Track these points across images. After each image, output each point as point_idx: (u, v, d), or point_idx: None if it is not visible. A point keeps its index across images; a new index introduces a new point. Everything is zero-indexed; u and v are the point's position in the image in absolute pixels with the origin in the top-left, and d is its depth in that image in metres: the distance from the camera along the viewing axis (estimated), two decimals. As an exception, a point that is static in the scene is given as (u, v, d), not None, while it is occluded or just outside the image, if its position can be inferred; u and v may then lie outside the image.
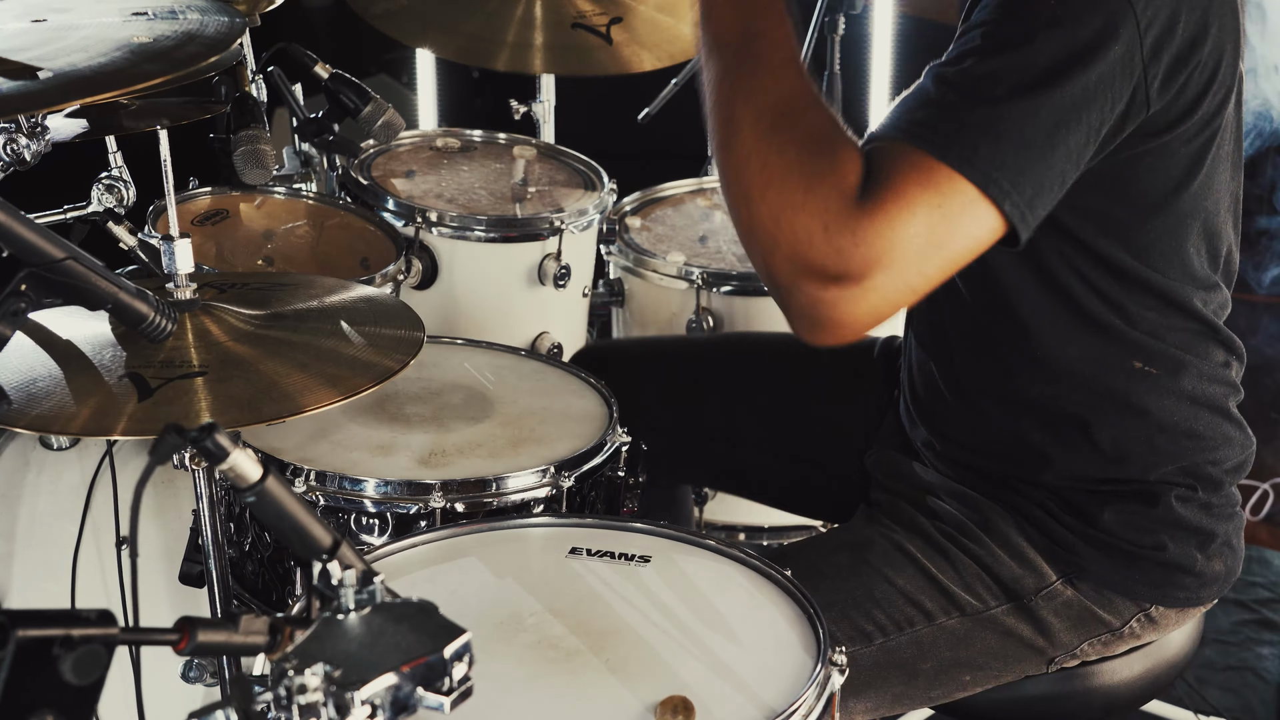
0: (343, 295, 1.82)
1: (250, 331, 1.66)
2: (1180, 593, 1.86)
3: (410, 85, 4.42)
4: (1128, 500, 1.82)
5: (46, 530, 2.19)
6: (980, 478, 1.89)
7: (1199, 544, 1.85)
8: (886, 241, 1.47)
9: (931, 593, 1.84)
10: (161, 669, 2.01)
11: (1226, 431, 1.85)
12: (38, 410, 1.52)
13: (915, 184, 1.49)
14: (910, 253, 1.48)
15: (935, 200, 1.49)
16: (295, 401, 1.55)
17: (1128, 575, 1.84)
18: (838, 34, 3.04)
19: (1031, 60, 1.52)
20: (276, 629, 1.14)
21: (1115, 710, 1.94)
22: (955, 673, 1.85)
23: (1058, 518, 1.84)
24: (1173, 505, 1.82)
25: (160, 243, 1.66)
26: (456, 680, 1.10)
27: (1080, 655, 1.88)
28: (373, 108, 2.48)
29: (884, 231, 1.48)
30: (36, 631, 1.02)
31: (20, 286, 1.50)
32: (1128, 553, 1.83)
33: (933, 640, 1.83)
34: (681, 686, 1.47)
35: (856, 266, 1.48)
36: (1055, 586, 1.84)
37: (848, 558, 1.87)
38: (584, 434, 1.97)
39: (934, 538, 1.87)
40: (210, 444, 1.17)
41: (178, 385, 1.55)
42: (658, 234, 2.85)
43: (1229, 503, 1.89)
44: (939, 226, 1.49)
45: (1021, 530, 1.85)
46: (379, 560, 1.68)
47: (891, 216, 1.48)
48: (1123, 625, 1.86)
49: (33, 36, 1.67)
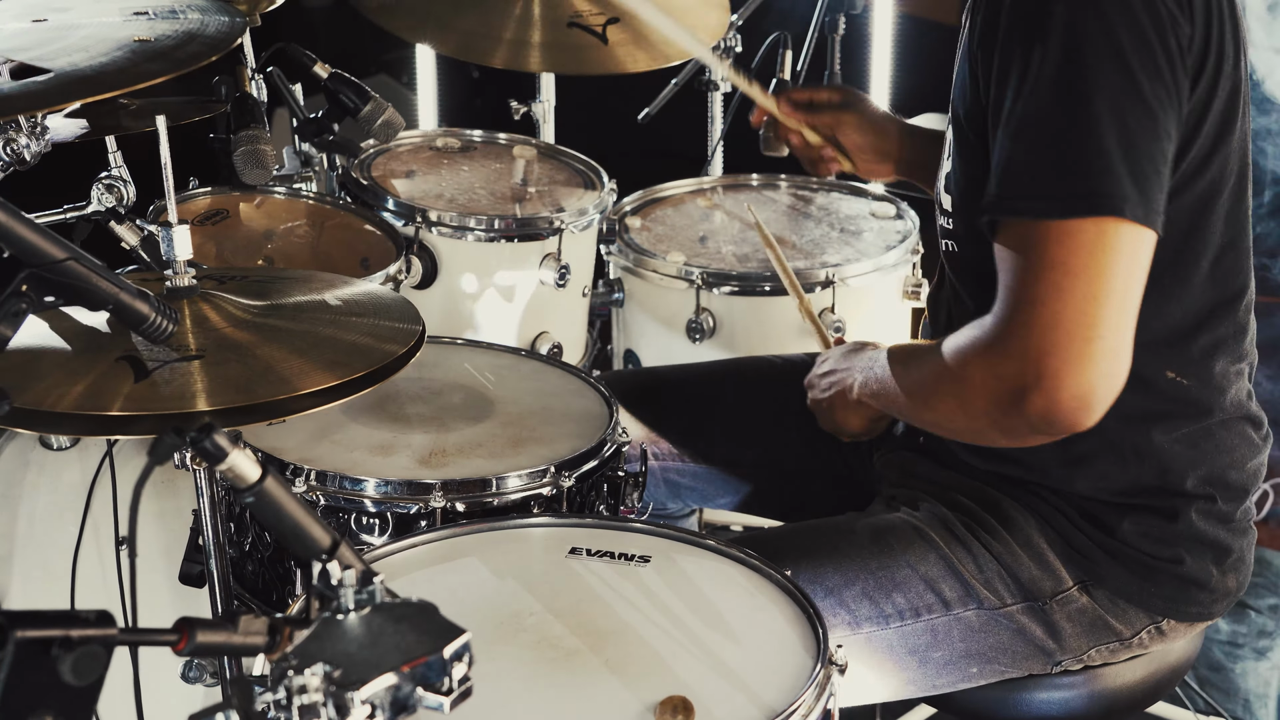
0: (342, 290, 1.82)
1: (248, 319, 1.66)
2: (1193, 608, 1.86)
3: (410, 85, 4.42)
4: (1148, 513, 1.81)
5: (46, 530, 2.19)
6: (1000, 479, 1.88)
7: (1215, 558, 1.84)
8: (1032, 346, 1.55)
9: (951, 582, 1.83)
10: (161, 669, 2.01)
11: (1247, 432, 1.85)
12: (32, 390, 1.50)
13: (1020, 273, 1.54)
14: (1070, 324, 1.53)
15: (1054, 270, 1.52)
16: (291, 385, 1.54)
17: (1143, 587, 1.83)
18: (838, 34, 3.04)
19: (1038, 79, 1.54)
20: (276, 629, 1.14)
21: (1120, 714, 1.94)
22: (964, 664, 1.85)
23: (1077, 525, 1.83)
24: (1193, 520, 1.81)
25: (158, 229, 1.66)
26: (456, 680, 1.10)
27: (1085, 660, 1.87)
28: (372, 107, 2.48)
29: (1024, 337, 1.55)
30: (36, 632, 1.02)
31: (21, 287, 1.49)
32: (1145, 564, 1.82)
33: (947, 630, 1.83)
34: (681, 686, 1.47)
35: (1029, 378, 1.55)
36: (1071, 592, 1.84)
37: (869, 538, 1.86)
38: (584, 434, 1.97)
39: (956, 528, 1.86)
40: (209, 444, 1.17)
41: (174, 368, 1.54)
42: (658, 234, 2.85)
43: (1246, 516, 1.88)
44: (1075, 285, 1.52)
45: (1042, 532, 1.84)
46: (379, 560, 1.68)
47: (1022, 320, 1.54)
48: (1133, 636, 1.86)
49: (33, 36, 1.67)
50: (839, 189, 3.03)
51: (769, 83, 2.90)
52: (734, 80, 2.43)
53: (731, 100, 3.17)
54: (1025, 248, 1.55)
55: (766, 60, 2.97)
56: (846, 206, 2.97)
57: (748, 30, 3.04)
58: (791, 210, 2.96)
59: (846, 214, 2.93)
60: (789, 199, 3.00)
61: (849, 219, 2.91)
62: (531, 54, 2.76)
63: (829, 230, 2.87)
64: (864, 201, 2.98)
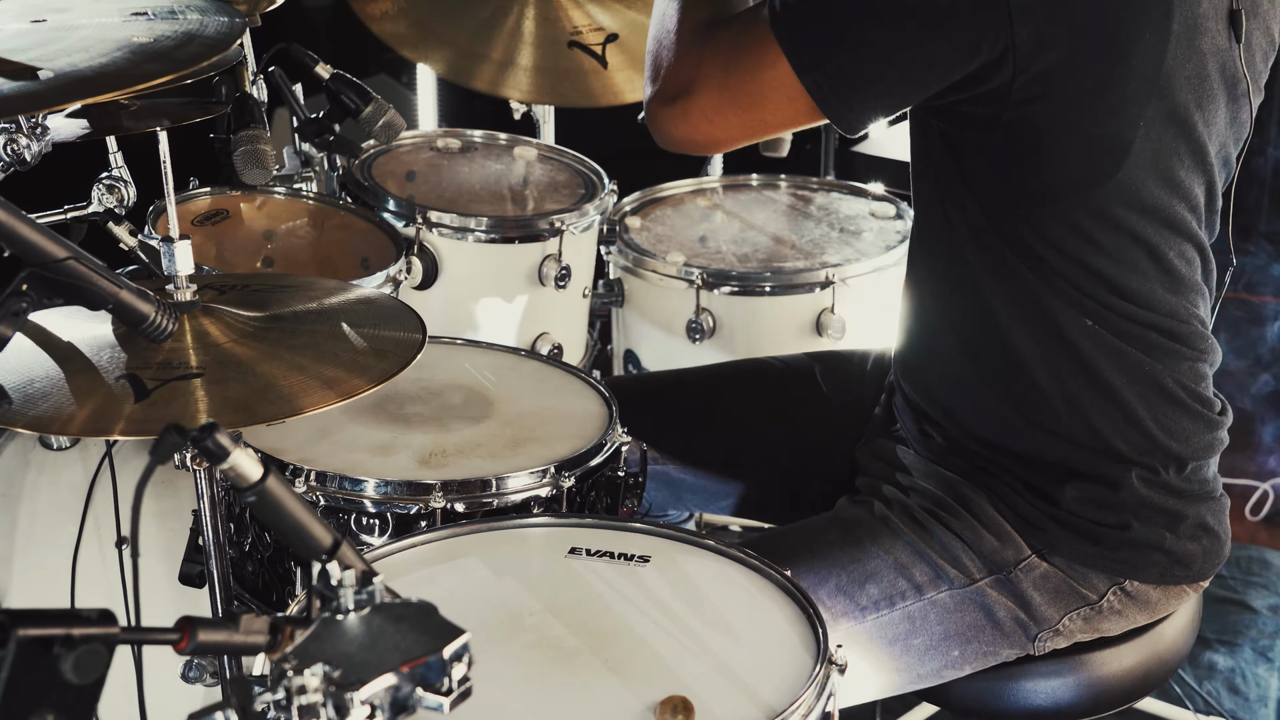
0: (343, 297, 1.82)
1: (249, 333, 1.66)
2: (1153, 569, 1.88)
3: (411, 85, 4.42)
4: (1089, 481, 1.84)
5: (46, 530, 2.20)
6: (955, 456, 1.92)
7: (1167, 524, 1.87)
8: (695, 79, 1.77)
9: (921, 566, 1.87)
10: (162, 669, 2.01)
11: (1187, 404, 1.86)
12: (35, 410, 1.51)
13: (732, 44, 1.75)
14: (712, 95, 1.77)
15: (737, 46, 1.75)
16: (292, 404, 1.55)
17: (1096, 551, 1.86)
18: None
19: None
20: (276, 629, 1.14)
21: (1110, 704, 1.94)
22: (945, 648, 1.87)
23: (1023, 496, 1.87)
24: (1135, 486, 1.84)
25: (160, 244, 1.66)
26: (456, 680, 1.10)
27: (1065, 632, 1.89)
28: (373, 108, 2.48)
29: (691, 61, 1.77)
30: (37, 631, 1.02)
31: (22, 286, 1.50)
32: (1091, 532, 1.85)
33: (924, 615, 1.86)
34: (681, 686, 1.47)
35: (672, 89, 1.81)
36: (1031, 560, 1.87)
37: (838, 534, 1.90)
38: (584, 434, 1.97)
39: (917, 514, 1.90)
40: (210, 444, 1.17)
41: (174, 386, 1.54)
42: (658, 234, 2.85)
43: (1201, 486, 1.89)
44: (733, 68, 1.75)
45: (995, 506, 1.88)
46: (379, 560, 1.68)
47: (703, 49, 1.77)
48: (1100, 599, 1.88)
49: (33, 37, 1.67)
50: (839, 189, 3.03)
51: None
52: None
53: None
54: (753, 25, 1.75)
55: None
56: (846, 206, 2.97)
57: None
58: (791, 210, 2.96)
59: (846, 214, 2.93)
60: (789, 199, 3.01)
61: (849, 219, 2.91)
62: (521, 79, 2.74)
63: (829, 230, 2.87)
64: (864, 201, 2.98)
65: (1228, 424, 1.93)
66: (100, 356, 1.59)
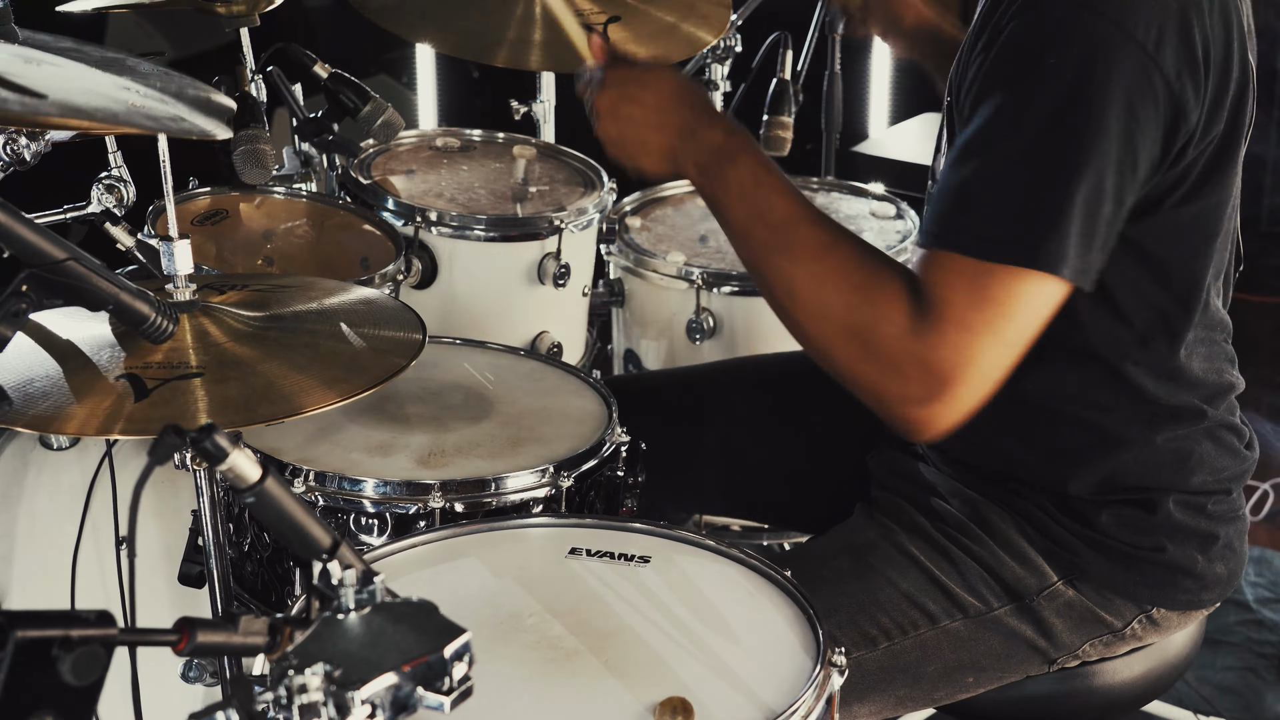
0: (342, 297, 1.82)
1: (248, 333, 1.66)
2: (1181, 595, 1.86)
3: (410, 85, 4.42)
4: (1126, 505, 1.82)
5: (46, 530, 2.19)
6: (981, 478, 1.89)
7: (1200, 546, 1.85)
8: (954, 366, 1.56)
9: (935, 594, 1.83)
10: (161, 669, 2.01)
11: (1227, 439, 1.86)
12: (35, 410, 1.52)
13: (965, 297, 1.56)
14: (985, 363, 1.57)
15: (992, 307, 1.55)
16: (292, 404, 1.55)
17: (1127, 576, 1.84)
18: (838, 34, 3.04)
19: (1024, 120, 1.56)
20: (276, 629, 1.14)
21: (1116, 710, 1.94)
22: (959, 675, 1.85)
23: (1056, 519, 1.83)
24: (1171, 511, 1.82)
25: (159, 244, 1.66)
26: (456, 680, 1.10)
27: (1081, 656, 1.87)
28: (372, 107, 2.48)
29: (951, 358, 1.56)
30: (36, 632, 1.02)
31: (21, 287, 1.49)
32: (1127, 554, 1.83)
33: (937, 643, 1.83)
34: (681, 687, 1.47)
35: (935, 391, 1.58)
36: (1057, 587, 1.84)
37: (849, 561, 1.86)
38: (583, 434, 1.97)
39: (935, 539, 1.87)
40: (209, 444, 1.17)
41: (174, 386, 1.55)
42: (658, 234, 2.85)
43: (1232, 506, 1.89)
44: (1005, 328, 1.56)
45: (1021, 530, 1.85)
46: (379, 560, 1.68)
47: (954, 342, 1.56)
48: (1124, 626, 1.86)
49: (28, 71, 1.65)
50: (839, 189, 3.03)
51: (768, 83, 2.91)
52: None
53: (732, 100, 3.17)
54: (965, 276, 1.57)
55: (767, 60, 2.96)
56: (846, 206, 2.97)
57: (748, 30, 3.03)
58: (791, 210, 2.95)
59: (846, 214, 2.93)
60: (789, 199, 3.00)
61: (849, 219, 2.90)
62: (532, 53, 2.75)
63: (829, 230, 2.86)
64: (864, 201, 2.98)
65: (1257, 452, 1.92)
66: (100, 356, 1.59)
